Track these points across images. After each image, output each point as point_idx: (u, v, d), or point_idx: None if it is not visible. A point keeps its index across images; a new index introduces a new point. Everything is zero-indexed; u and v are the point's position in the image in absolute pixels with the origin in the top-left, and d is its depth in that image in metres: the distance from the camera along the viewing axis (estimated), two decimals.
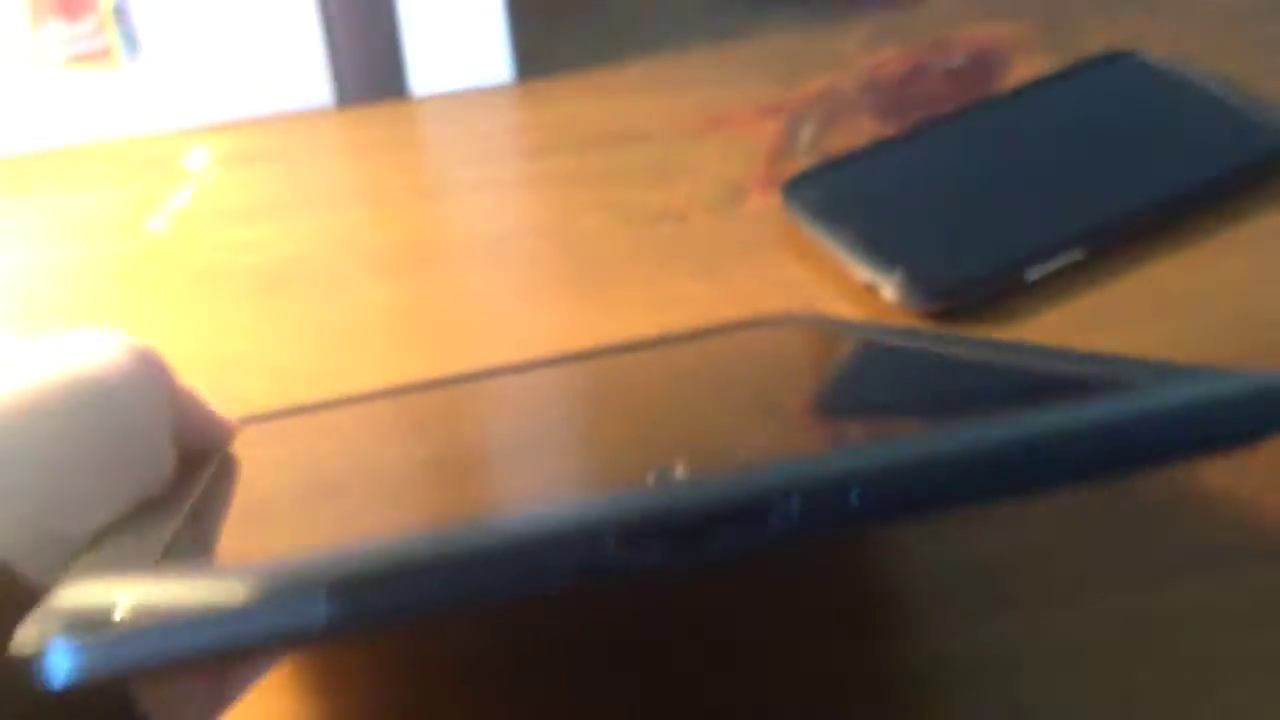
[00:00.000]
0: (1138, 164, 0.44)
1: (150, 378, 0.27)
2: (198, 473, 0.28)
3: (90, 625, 0.18)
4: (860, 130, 0.48)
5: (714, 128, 0.49)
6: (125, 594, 0.19)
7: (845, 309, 0.41)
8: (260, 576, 0.18)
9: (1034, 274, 0.40)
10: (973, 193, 0.44)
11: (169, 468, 0.26)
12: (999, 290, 0.40)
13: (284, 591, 0.18)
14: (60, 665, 0.18)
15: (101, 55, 0.48)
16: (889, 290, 0.40)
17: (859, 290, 0.41)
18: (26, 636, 0.18)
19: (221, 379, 0.40)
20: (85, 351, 0.26)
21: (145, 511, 0.24)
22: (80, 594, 0.19)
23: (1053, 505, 0.34)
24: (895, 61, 0.51)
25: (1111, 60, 0.48)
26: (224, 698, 0.26)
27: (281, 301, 0.43)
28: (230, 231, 0.45)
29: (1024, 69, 0.50)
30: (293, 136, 0.50)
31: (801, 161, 0.46)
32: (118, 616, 0.18)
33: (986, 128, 0.46)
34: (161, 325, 0.42)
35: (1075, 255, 0.41)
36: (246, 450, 0.30)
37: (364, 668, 0.31)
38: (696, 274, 0.43)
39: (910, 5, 0.55)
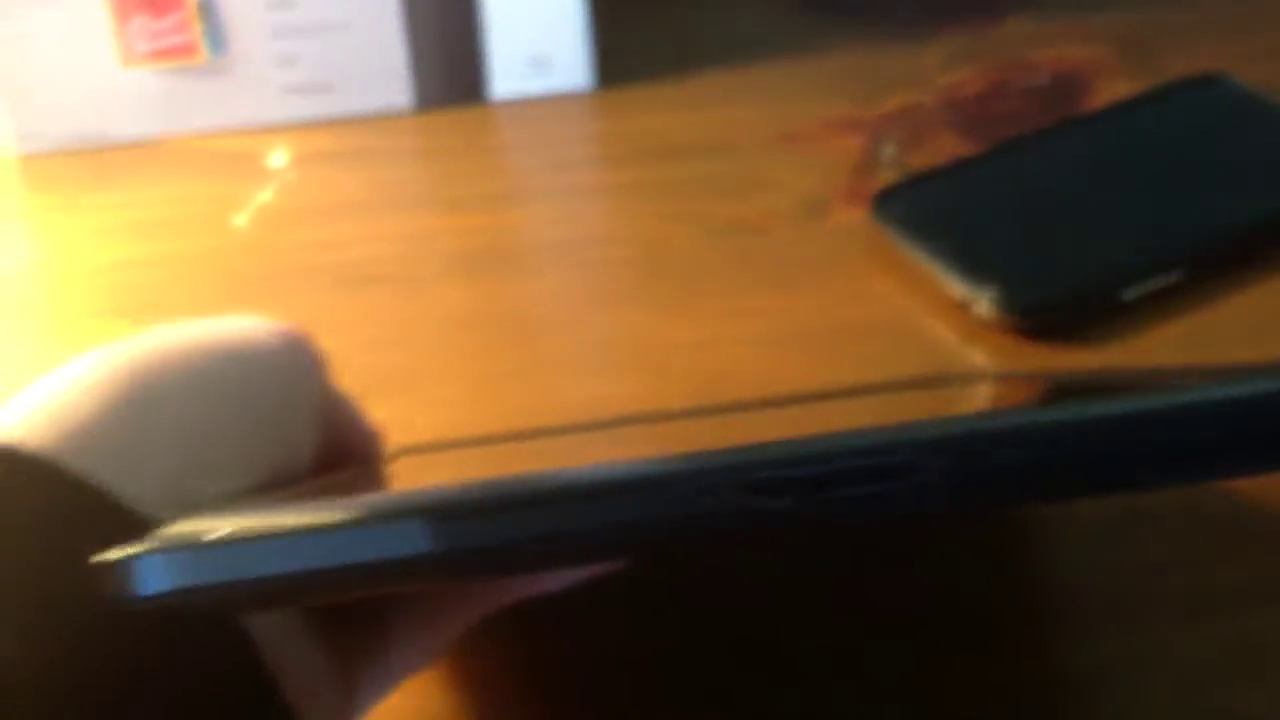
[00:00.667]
0: (1232, 187, 0.43)
1: (300, 363, 0.27)
2: (336, 475, 0.27)
3: (183, 542, 0.18)
4: (943, 147, 0.47)
5: (791, 142, 0.48)
6: (225, 522, 0.18)
7: (935, 325, 0.40)
8: (363, 505, 0.18)
9: (1130, 294, 0.40)
10: (1065, 211, 0.43)
11: (307, 455, 0.26)
12: (1094, 310, 0.40)
13: (385, 517, 0.17)
14: (146, 574, 0.17)
15: (187, 51, 0.48)
16: (982, 306, 0.39)
17: (949, 306, 0.40)
18: (119, 552, 0.18)
19: None
20: (239, 327, 0.26)
21: (274, 494, 0.24)
22: (180, 526, 0.19)
23: (1173, 523, 0.33)
24: (976, 80, 0.51)
25: (1199, 83, 0.48)
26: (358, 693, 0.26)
27: (362, 301, 0.43)
28: (312, 230, 0.45)
29: (1106, 91, 0.49)
30: (373, 138, 0.49)
31: (884, 177, 0.46)
32: (212, 536, 0.18)
33: (1076, 147, 0.46)
34: None
35: (1174, 277, 0.40)
36: (397, 476, 0.30)
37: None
38: (778, 285, 0.42)
39: (987, 26, 0.54)
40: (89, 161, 0.49)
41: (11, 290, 0.44)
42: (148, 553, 0.18)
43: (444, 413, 0.38)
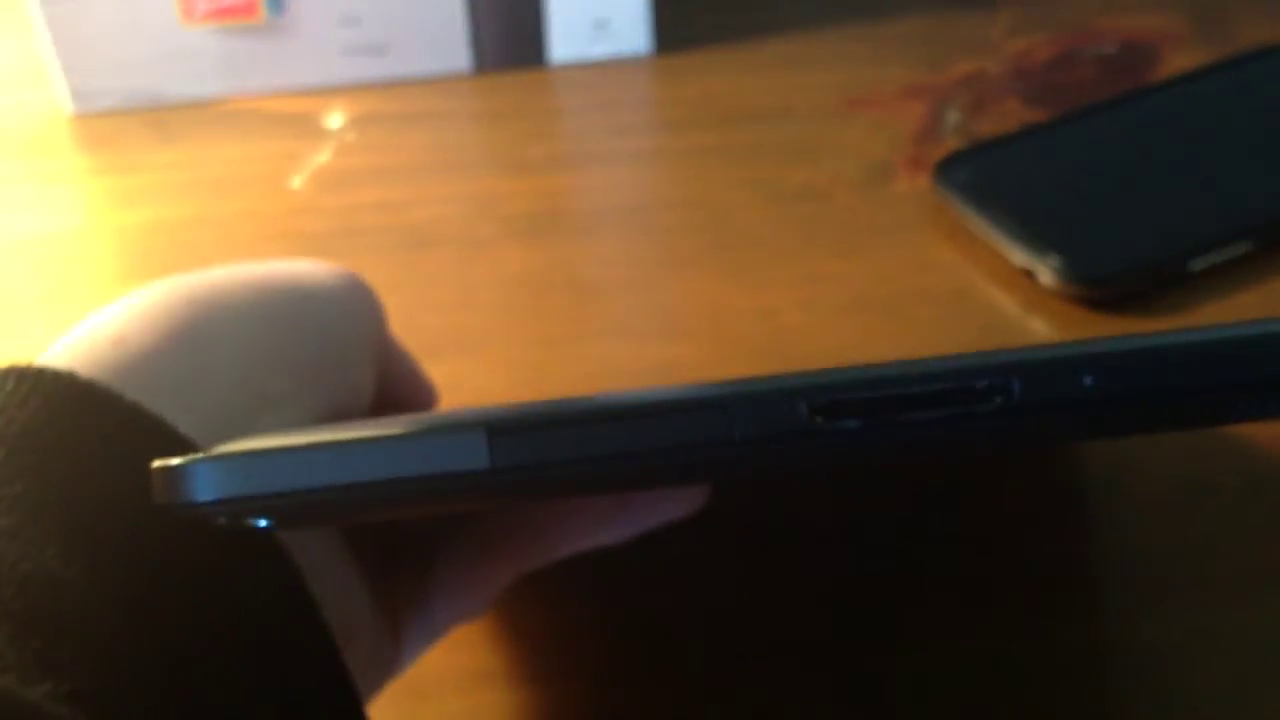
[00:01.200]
0: None
1: (360, 305, 0.26)
2: None
3: (238, 451, 0.17)
4: (1008, 115, 0.47)
5: (855, 108, 0.48)
6: (281, 438, 0.18)
7: (998, 294, 0.40)
8: (421, 420, 0.17)
9: (1198, 265, 0.39)
10: (1132, 180, 0.42)
11: (366, 396, 0.26)
12: (1160, 280, 0.39)
13: (444, 430, 0.17)
14: (200, 481, 0.17)
15: (246, 10, 0.48)
16: (1045, 275, 0.39)
17: (1012, 273, 0.40)
18: (175, 460, 0.18)
19: None
20: (299, 267, 0.26)
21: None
22: (238, 444, 0.18)
23: (1231, 496, 0.33)
24: (1044, 47, 0.50)
25: (1271, 53, 0.47)
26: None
27: (421, 262, 0.42)
28: (370, 191, 0.45)
29: (1176, 60, 0.49)
30: (431, 100, 0.49)
31: (949, 144, 0.45)
32: (267, 445, 0.17)
33: (1145, 116, 0.45)
34: None
35: (1243, 248, 0.39)
36: None
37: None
38: (841, 252, 0.42)
39: None
40: (145, 121, 0.49)
41: (66, 250, 0.44)
42: (203, 460, 0.17)
43: (504, 375, 0.38)
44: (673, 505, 0.27)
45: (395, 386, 0.29)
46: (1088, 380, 0.17)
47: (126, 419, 0.21)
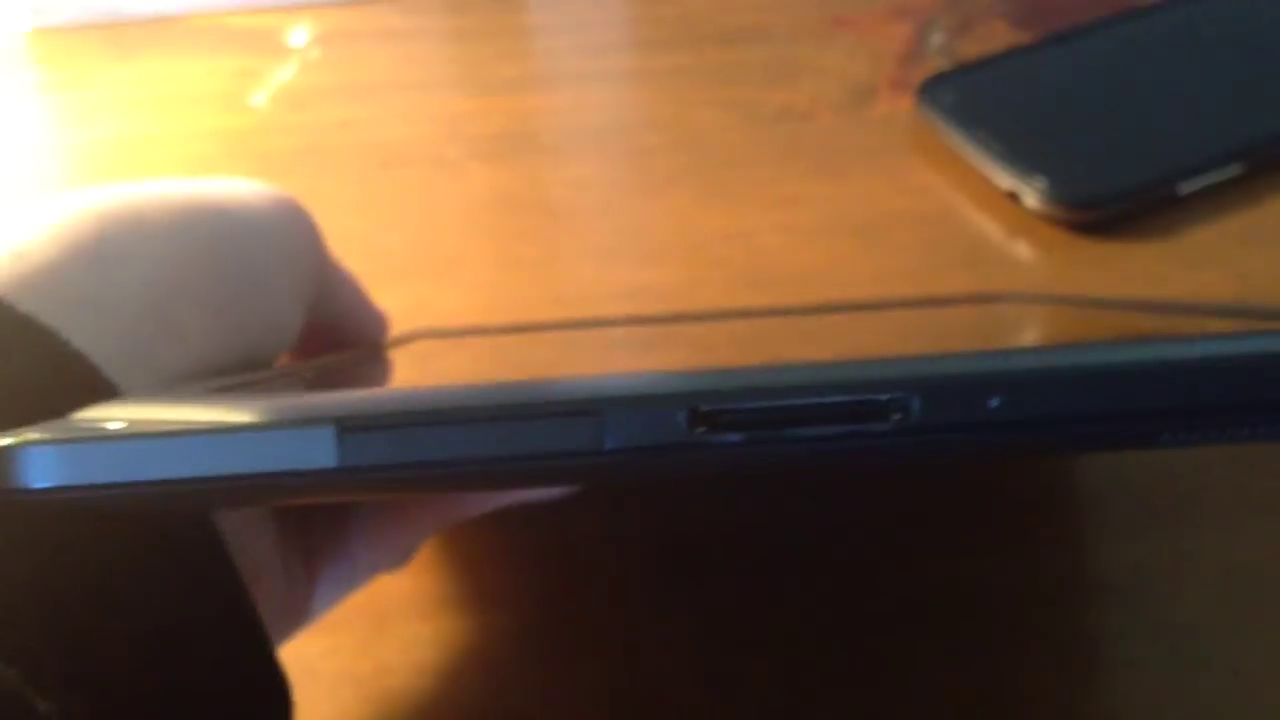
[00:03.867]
0: None
1: (293, 232, 0.24)
2: (332, 357, 0.26)
3: (77, 433, 0.16)
4: (994, 36, 0.45)
5: (838, 28, 0.47)
6: (136, 412, 0.16)
7: (982, 217, 0.39)
8: (269, 408, 0.16)
9: (1186, 188, 0.38)
10: (1120, 103, 0.41)
11: (294, 329, 0.24)
12: (1148, 203, 0.38)
13: (290, 423, 0.15)
14: (29, 467, 0.16)
15: None
16: (1031, 198, 0.38)
17: (997, 197, 0.39)
18: (14, 437, 0.16)
19: None
20: (228, 188, 0.24)
21: (253, 373, 0.22)
22: (97, 412, 0.17)
23: None
24: None
25: None
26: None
27: (386, 182, 0.41)
28: (334, 110, 0.44)
29: None
30: (399, 18, 0.48)
31: (933, 66, 0.44)
32: (104, 430, 0.16)
33: (1132, 38, 0.44)
34: None
35: (1232, 171, 0.38)
36: (410, 359, 0.28)
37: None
38: (821, 175, 0.41)
39: None
40: (104, 37, 0.47)
41: (21, 167, 0.42)
42: (32, 443, 0.16)
43: (469, 298, 0.37)
44: None
45: (338, 315, 0.27)
46: (993, 402, 0.15)
47: (16, 331, 0.19)
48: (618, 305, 0.37)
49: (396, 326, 0.36)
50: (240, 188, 0.24)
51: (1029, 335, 0.29)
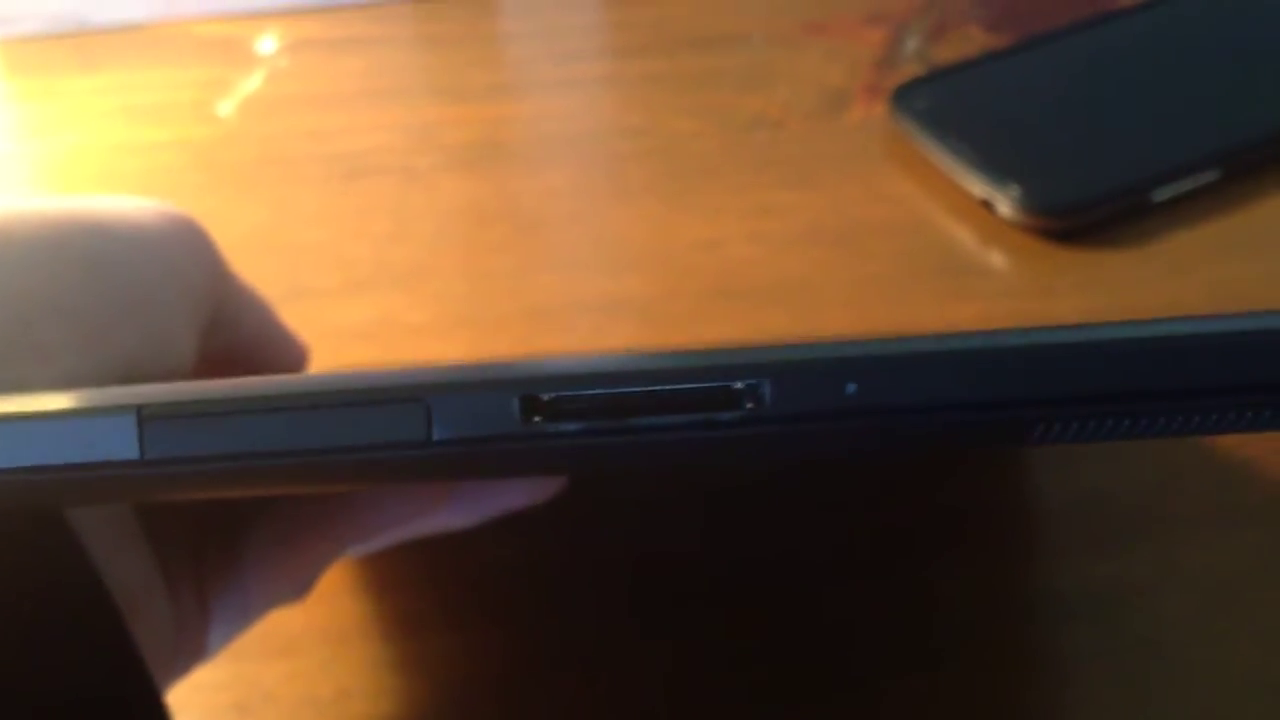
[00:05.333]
0: (1270, 85, 0.41)
1: (181, 253, 0.23)
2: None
3: None
4: (969, 41, 0.45)
5: (813, 34, 0.46)
6: None
7: (956, 225, 0.38)
8: (72, 395, 0.15)
9: (1161, 195, 0.38)
10: (1095, 109, 0.41)
11: (184, 353, 0.23)
12: (1123, 210, 0.38)
13: (88, 411, 0.14)
14: None
15: None
16: (1004, 205, 0.37)
17: (970, 205, 0.38)
18: None
19: (291, 268, 0.38)
20: (114, 205, 0.22)
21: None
22: None
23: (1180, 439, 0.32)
24: None
25: None
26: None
27: (354, 193, 0.41)
28: (302, 120, 0.43)
29: None
30: (368, 25, 0.47)
31: (908, 71, 0.44)
32: None
33: (1108, 43, 0.43)
34: (231, 212, 0.40)
35: (1207, 177, 0.38)
36: None
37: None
38: (795, 183, 0.40)
39: None
40: (70, 46, 0.47)
41: None
42: None
43: (438, 309, 0.37)
44: (521, 492, 0.25)
45: (247, 344, 0.26)
46: (850, 387, 0.14)
47: None
48: (589, 316, 0.36)
49: (364, 339, 0.36)
50: (127, 205, 0.23)
51: None
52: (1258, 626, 0.27)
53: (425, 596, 0.29)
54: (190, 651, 0.24)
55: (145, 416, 0.14)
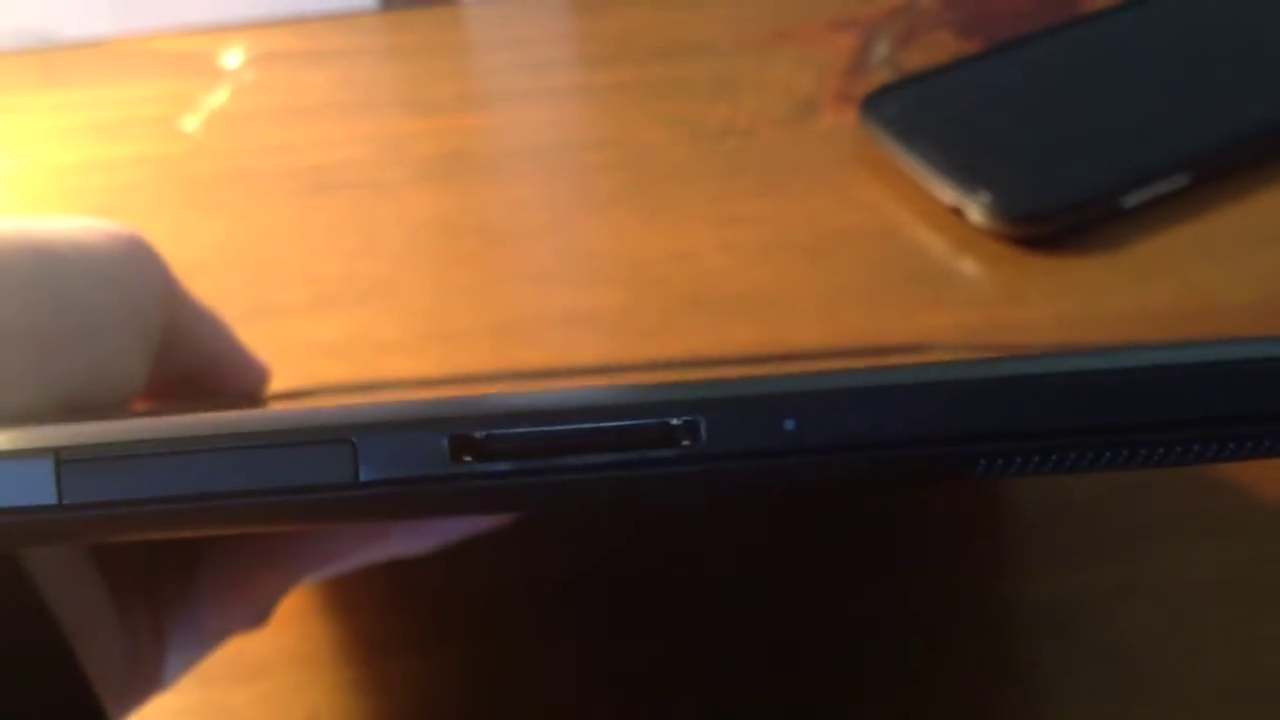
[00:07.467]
0: (1240, 89, 0.41)
1: (129, 274, 0.22)
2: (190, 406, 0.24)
3: None
4: (939, 47, 0.45)
5: (782, 41, 0.46)
6: None
7: (926, 233, 0.38)
8: (5, 436, 0.14)
9: (1132, 200, 0.38)
10: (1065, 114, 0.41)
11: (132, 376, 0.22)
12: (1094, 216, 0.38)
13: (8, 452, 0.14)
14: None
15: None
16: (974, 212, 0.37)
17: (940, 212, 0.38)
18: None
19: (259, 285, 0.38)
20: (63, 226, 0.22)
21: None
22: None
23: None
24: None
25: None
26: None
27: (321, 207, 0.40)
28: (268, 134, 0.43)
29: None
30: (334, 38, 0.47)
31: (877, 78, 0.44)
32: None
33: (1077, 47, 0.43)
34: (197, 228, 0.39)
35: (1179, 182, 0.38)
36: None
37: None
38: (764, 192, 0.40)
39: None
40: (33, 62, 0.46)
41: None
42: None
43: (407, 324, 0.36)
44: (468, 520, 0.25)
45: (203, 366, 0.25)
46: (788, 424, 0.14)
47: None
48: (559, 329, 0.36)
49: (333, 356, 0.35)
50: (72, 225, 0.22)
51: None
52: (1228, 637, 0.27)
53: (394, 618, 0.29)
54: (146, 680, 0.23)
55: (63, 459, 0.14)
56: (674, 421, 0.14)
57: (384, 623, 0.29)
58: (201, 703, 0.27)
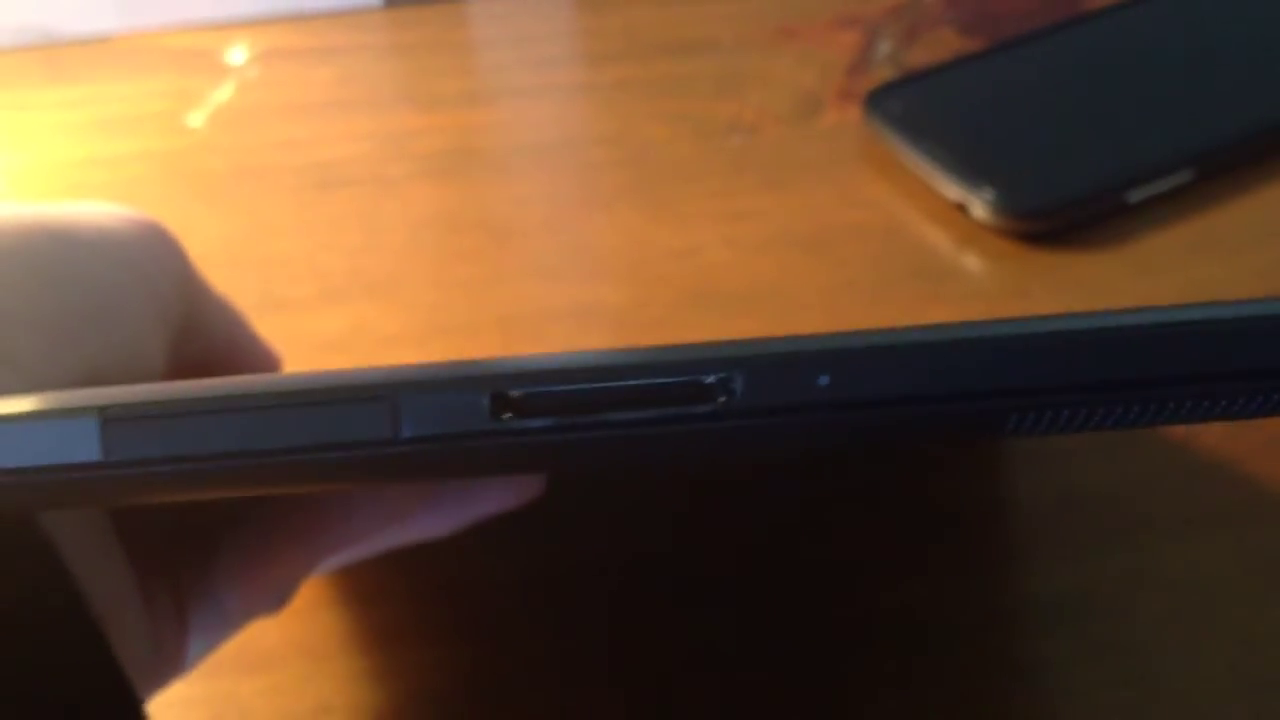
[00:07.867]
0: (1244, 85, 0.41)
1: (148, 259, 0.23)
2: None
3: None
4: (942, 44, 0.45)
5: (786, 38, 0.46)
6: None
7: (931, 229, 0.38)
8: (41, 398, 0.14)
9: (1136, 196, 0.38)
10: (1069, 111, 0.41)
11: (149, 360, 0.22)
12: (1098, 211, 0.38)
13: (47, 413, 0.14)
14: None
15: None
16: (979, 208, 0.37)
17: (945, 208, 0.38)
18: None
19: (264, 280, 0.38)
20: (81, 211, 0.22)
21: None
22: None
23: (1160, 434, 0.32)
24: None
25: None
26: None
27: (326, 203, 0.40)
28: (273, 130, 0.43)
29: None
30: (339, 34, 0.47)
31: (881, 75, 0.44)
32: None
33: (1081, 44, 0.43)
34: (203, 224, 0.40)
35: (1183, 177, 0.38)
36: None
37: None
38: (768, 187, 0.40)
39: None
40: (39, 59, 0.46)
41: None
42: None
43: (411, 319, 0.36)
44: (497, 496, 0.25)
45: (218, 353, 0.25)
46: (822, 379, 0.14)
47: None
48: (563, 324, 0.36)
49: (338, 350, 0.35)
50: (94, 211, 0.22)
51: None
52: (1235, 629, 0.27)
53: (403, 609, 0.29)
54: (168, 664, 0.23)
55: (108, 418, 0.14)
56: (709, 379, 0.14)
57: (394, 614, 0.29)
58: (210, 693, 0.27)
